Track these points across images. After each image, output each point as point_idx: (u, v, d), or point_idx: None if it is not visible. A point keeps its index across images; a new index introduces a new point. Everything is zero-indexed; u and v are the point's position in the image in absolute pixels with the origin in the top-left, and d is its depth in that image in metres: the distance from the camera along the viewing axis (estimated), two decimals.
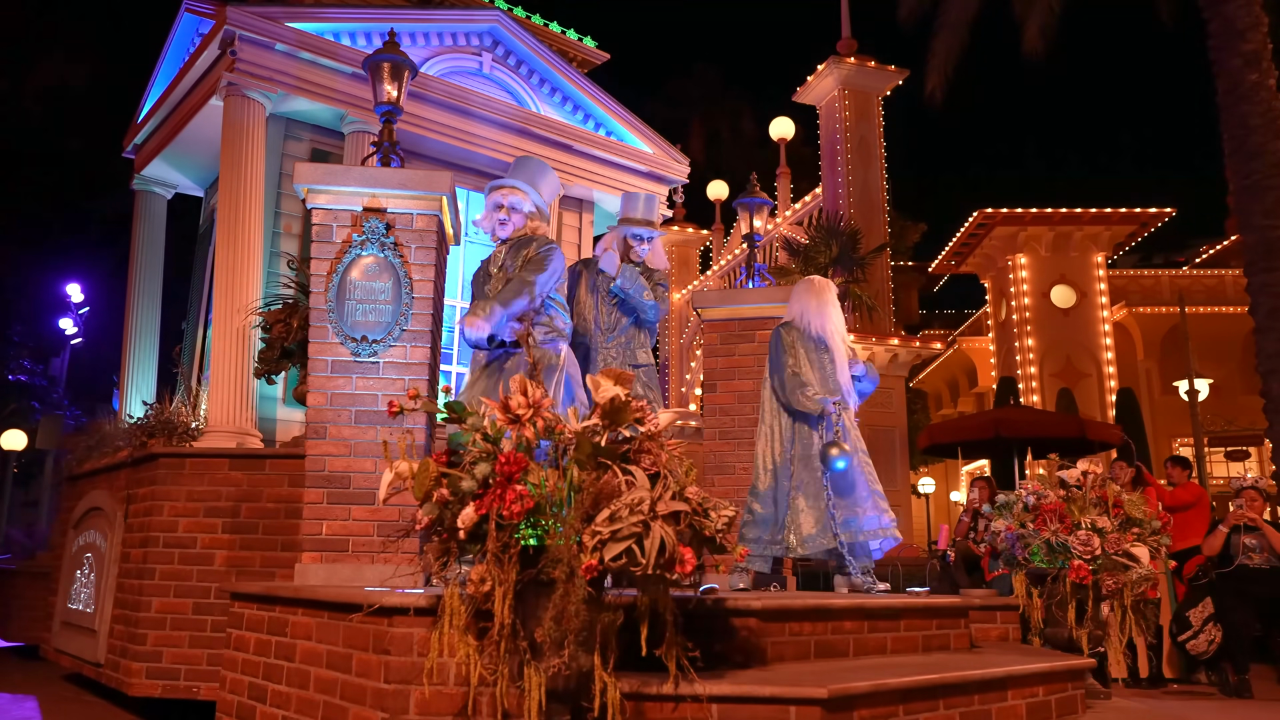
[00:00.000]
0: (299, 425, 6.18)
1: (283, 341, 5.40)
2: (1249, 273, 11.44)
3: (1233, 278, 18.51)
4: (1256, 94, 11.55)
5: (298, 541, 5.10)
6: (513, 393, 2.83)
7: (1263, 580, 5.93)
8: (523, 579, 2.61)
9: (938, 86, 17.76)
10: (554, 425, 2.76)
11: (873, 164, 18.92)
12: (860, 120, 19.08)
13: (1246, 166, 11.47)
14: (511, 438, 2.70)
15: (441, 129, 6.67)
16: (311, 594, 3.57)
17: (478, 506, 2.60)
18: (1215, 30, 11.92)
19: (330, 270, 4.40)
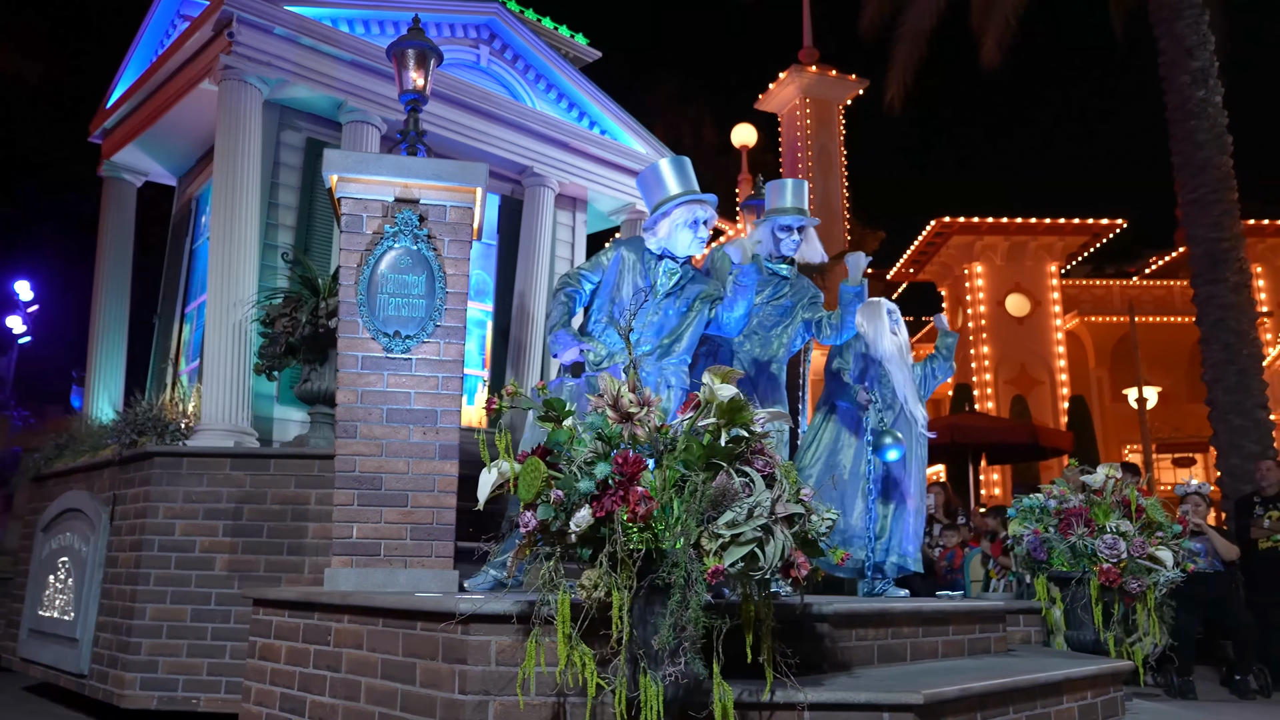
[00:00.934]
0: (297, 424, 5.98)
1: (288, 336, 5.21)
2: (1195, 284, 11.84)
3: (1181, 288, 19.22)
4: (1204, 110, 11.95)
5: (305, 545, 4.96)
6: (614, 391, 2.77)
7: (1206, 583, 6.11)
8: (641, 585, 2.54)
9: (897, 96, 18.08)
10: (661, 424, 2.71)
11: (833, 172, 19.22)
12: (821, 128, 19.38)
13: (1194, 180, 11.86)
14: (623, 436, 2.63)
15: (437, 122, 6.52)
16: (366, 600, 3.44)
17: (595, 508, 2.53)
18: (1165, 47, 12.31)
19: (360, 262, 4.26)
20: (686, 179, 4.40)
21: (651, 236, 4.40)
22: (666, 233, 4.35)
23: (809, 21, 19.97)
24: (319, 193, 6.31)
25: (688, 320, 4.32)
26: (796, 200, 5.09)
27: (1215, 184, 11.72)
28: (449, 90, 6.57)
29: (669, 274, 4.36)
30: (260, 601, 4.07)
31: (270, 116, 6.12)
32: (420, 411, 4.20)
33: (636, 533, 2.52)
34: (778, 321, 5.04)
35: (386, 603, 3.34)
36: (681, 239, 4.34)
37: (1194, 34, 12.07)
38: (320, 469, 5.02)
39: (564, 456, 2.71)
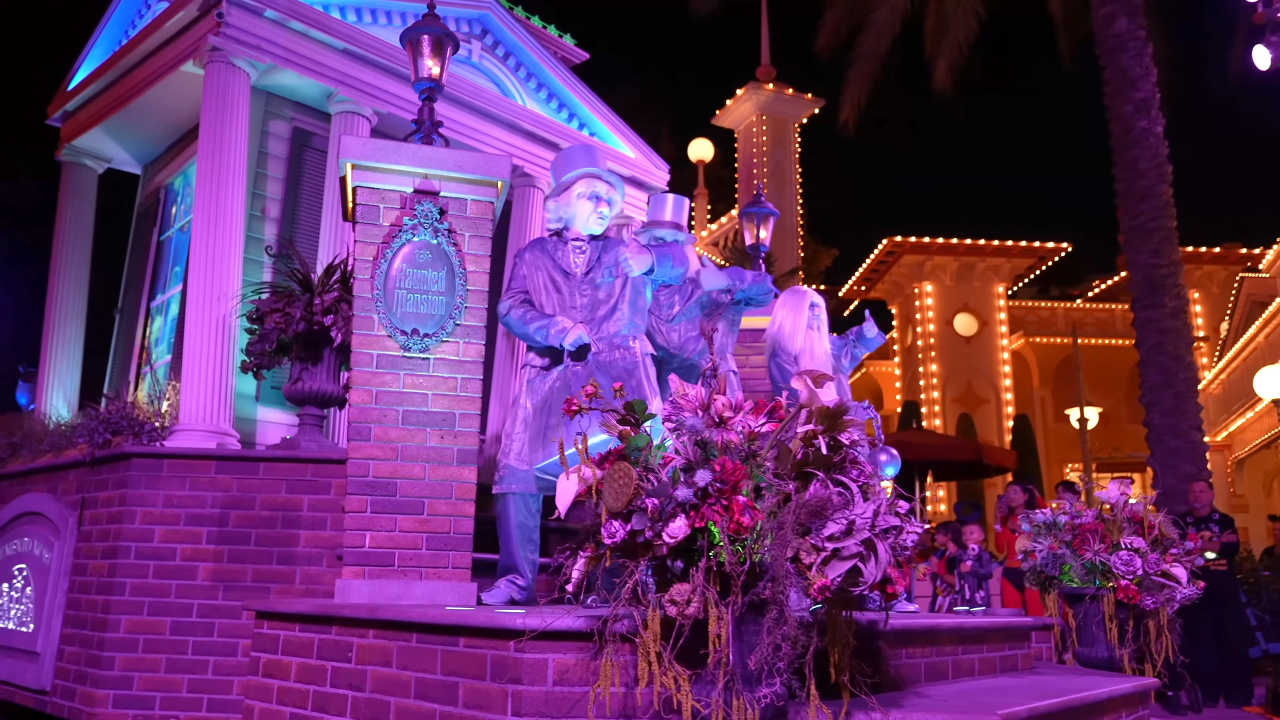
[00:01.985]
0: (280, 426, 5.67)
1: (280, 333, 4.92)
2: (1135, 308, 12.12)
3: (1122, 312, 19.77)
4: (1146, 140, 12.26)
5: (296, 554, 4.68)
6: (684, 393, 2.61)
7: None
8: (741, 601, 2.37)
9: (851, 116, 18.29)
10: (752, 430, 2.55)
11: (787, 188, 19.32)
12: (777, 145, 19.47)
13: (1135, 208, 12.16)
14: (717, 442, 2.47)
15: None
16: (400, 614, 3.20)
17: (693, 518, 2.35)
18: (1110, 77, 12.62)
19: (377, 256, 4.02)
20: (593, 160, 4.32)
21: (551, 217, 4.31)
22: (565, 203, 4.26)
23: (767, 40, 20.12)
24: (305, 184, 6.03)
25: (619, 286, 4.18)
26: (676, 215, 4.93)
27: (1155, 211, 12.02)
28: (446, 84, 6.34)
29: (578, 251, 4.24)
30: (265, 615, 3.78)
31: (256, 103, 5.82)
32: (438, 414, 3.97)
33: (742, 545, 2.35)
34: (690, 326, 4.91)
35: (427, 617, 3.10)
36: (580, 211, 4.24)
37: (1137, 66, 12.38)
38: (314, 474, 4.75)
39: (641, 462, 2.54)
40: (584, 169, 4.28)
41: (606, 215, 4.36)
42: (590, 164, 4.30)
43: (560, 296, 4.17)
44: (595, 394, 2.60)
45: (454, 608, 3.42)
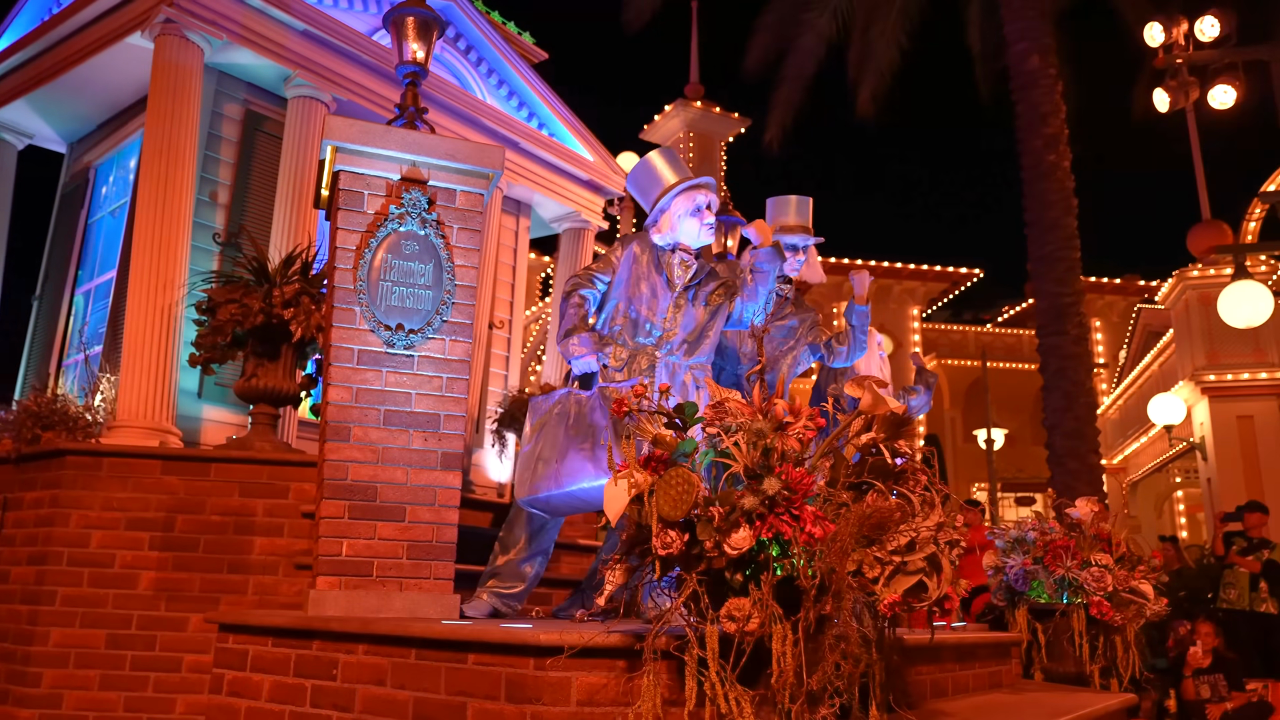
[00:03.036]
0: (227, 425, 5.29)
1: (236, 325, 4.57)
2: (1040, 334, 12.48)
3: (1029, 337, 20.36)
4: (1054, 173, 12.65)
5: (249, 562, 4.34)
6: (727, 398, 2.46)
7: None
8: (807, 617, 2.22)
9: (775, 137, 18.44)
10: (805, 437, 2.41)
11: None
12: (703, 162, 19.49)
13: (1043, 237, 12.52)
14: (777, 449, 2.32)
15: (380, 101, 6.01)
16: (398, 629, 2.94)
17: (759, 528, 2.19)
18: (1022, 112, 12.99)
19: (360, 245, 3.75)
20: (680, 168, 4.14)
21: (657, 234, 4.11)
22: (670, 226, 4.07)
23: (696, 57, 20.15)
24: (256, 170, 5.67)
25: (710, 315, 4.04)
26: (800, 217, 4.88)
27: (1061, 243, 12.39)
28: None
29: (683, 265, 4.07)
30: (231, 627, 3.46)
31: (207, 83, 5.44)
32: (422, 415, 3.72)
33: (812, 558, 2.20)
34: (782, 341, 4.81)
35: (432, 632, 2.86)
36: (687, 229, 4.05)
37: (1048, 102, 12.76)
38: (271, 476, 4.41)
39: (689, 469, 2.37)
40: (679, 186, 4.01)
41: (712, 222, 4.12)
42: (681, 175, 4.06)
43: (655, 302, 3.91)
44: (644, 394, 2.41)
45: (450, 621, 3.18)
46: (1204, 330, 14.66)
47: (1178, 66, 11.07)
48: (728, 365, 4.59)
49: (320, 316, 4.68)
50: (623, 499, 2.31)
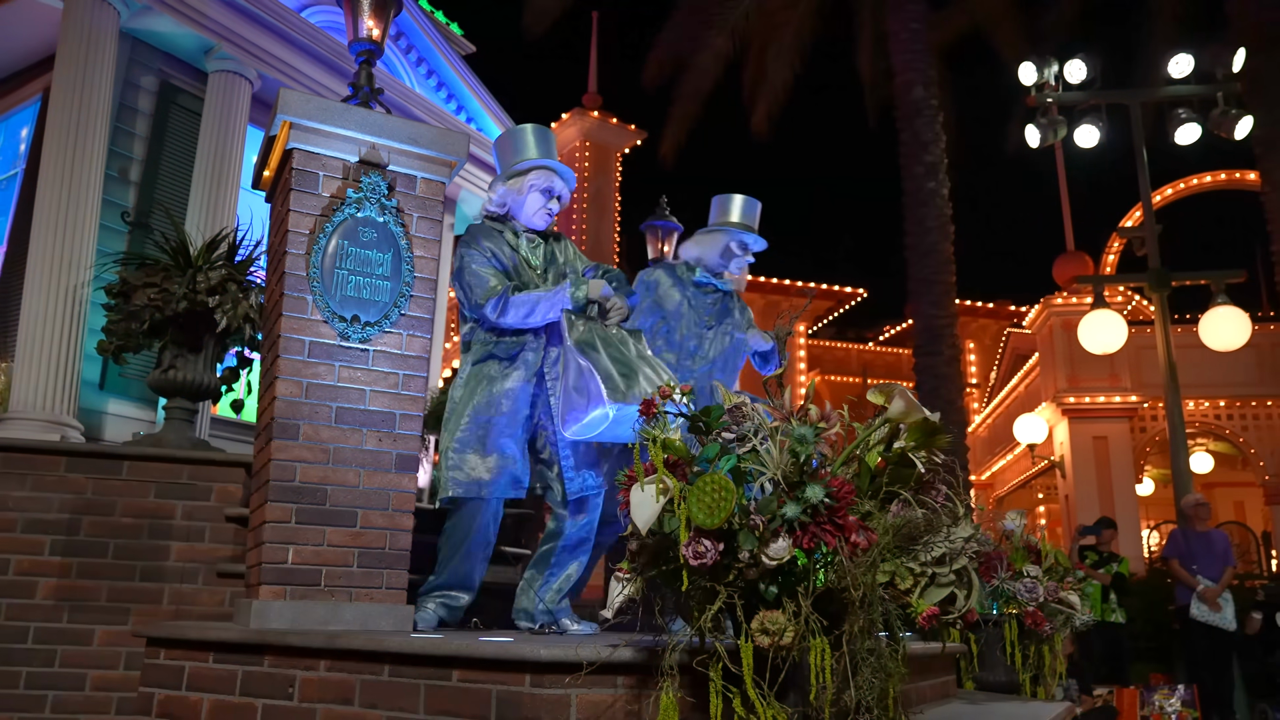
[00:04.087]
0: (132, 421, 4.82)
1: (155, 311, 4.18)
2: (917, 354, 12.95)
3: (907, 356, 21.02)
4: (933, 200, 13.15)
5: (166, 570, 3.96)
6: (743, 401, 2.35)
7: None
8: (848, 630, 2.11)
9: (670, 150, 18.54)
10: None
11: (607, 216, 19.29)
12: (599, 173, 19.39)
13: (922, 261, 13.00)
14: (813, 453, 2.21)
15: (306, 82, 5.66)
16: (371, 643, 2.69)
17: (798, 538, 2.07)
18: (905, 140, 13.47)
19: (314, 229, 3.47)
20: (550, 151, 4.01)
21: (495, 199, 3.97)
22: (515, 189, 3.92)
23: (595, 68, 20.07)
24: (170, 145, 5.23)
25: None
26: (748, 218, 4.77)
27: (938, 267, 12.88)
28: (326, 52, 5.74)
29: (531, 243, 3.97)
30: (162, 641, 3.11)
31: (120, 49, 4.98)
32: (377, 414, 3.46)
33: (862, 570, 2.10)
34: (718, 323, 4.73)
35: (411, 647, 2.62)
36: (530, 203, 3.92)
37: (929, 132, 13.25)
38: (192, 476, 4.04)
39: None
40: (542, 161, 3.92)
41: (554, 213, 4.03)
42: (549, 156, 3.96)
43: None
44: (670, 393, 2.27)
45: (425, 634, 2.94)
46: (1066, 355, 15.44)
47: (1048, 105, 11.60)
48: None
49: (248, 306, 4.33)
50: (652, 506, 2.15)
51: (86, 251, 4.51)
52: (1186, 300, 16.10)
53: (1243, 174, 14.97)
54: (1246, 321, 10.63)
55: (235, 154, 5.11)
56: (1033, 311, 16.57)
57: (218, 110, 4.94)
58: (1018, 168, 26.92)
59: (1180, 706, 7.47)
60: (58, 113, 4.57)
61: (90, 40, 4.64)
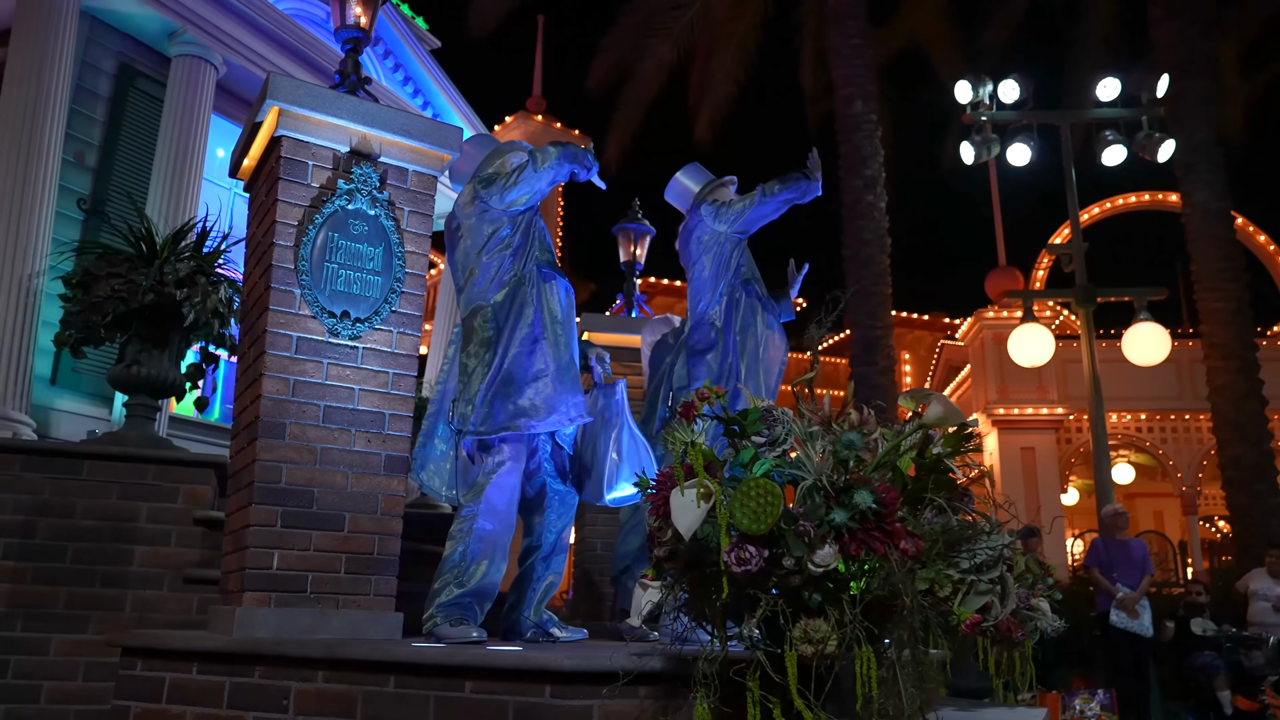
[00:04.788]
0: (85, 418, 4.55)
1: (120, 303, 3.95)
2: (853, 364, 13.12)
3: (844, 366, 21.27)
4: (870, 213, 13.33)
5: (129, 575, 3.75)
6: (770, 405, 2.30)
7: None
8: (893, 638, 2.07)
9: (614, 156, 18.49)
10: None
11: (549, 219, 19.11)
12: None
13: (859, 273, 13.17)
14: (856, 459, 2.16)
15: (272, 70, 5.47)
16: (378, 653, 2.56)
17: (845, 544, 2.02)
18: (844, 153, 13.64)
19: (303, 220, 3.31)
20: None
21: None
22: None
23: (540, 71, 19.92)
24: (128, 130, 4.98)
25: None
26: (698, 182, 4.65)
27: (874, 279, 13.05)
28: (296, 41, 5.54)
29: None
30: (139, 651, 2.92)
31: (80, 28, 4.72)
32: (366, 414, 3.32)
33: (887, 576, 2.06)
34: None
35: (423, 657, 2.49)
36: None
37: (869, 145, 13.43)
38: (157, 477, 3.83)
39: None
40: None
41: None
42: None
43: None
44: (709, 396, 2.20)
45: (427, 644, 2.81)
46: (996, 367, 15.78)
47: (982, 123, 11.84)
48: None
49: (217, 300, 4.13)
50: (695, 511, 2.08)
51: (40, 239, 4.26)
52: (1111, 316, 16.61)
53: (1165, 195, 15.49)
54: (1167, 338, 10.97)
55: (199, 142, 4.88)
56: (965, 324, 16.90)
57: (181, 96, 4.72)
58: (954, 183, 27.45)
59: (1099, 710, 7.64)
60: (12, 91, 4.31)
61: (48, 17, 4.38)
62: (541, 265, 3.57)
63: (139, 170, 4.90)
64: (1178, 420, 15.29)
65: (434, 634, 3.12)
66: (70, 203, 4.61)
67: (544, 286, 3.53)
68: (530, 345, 3.41)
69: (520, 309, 3.46)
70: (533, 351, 3.41)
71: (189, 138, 4.85)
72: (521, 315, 3.45)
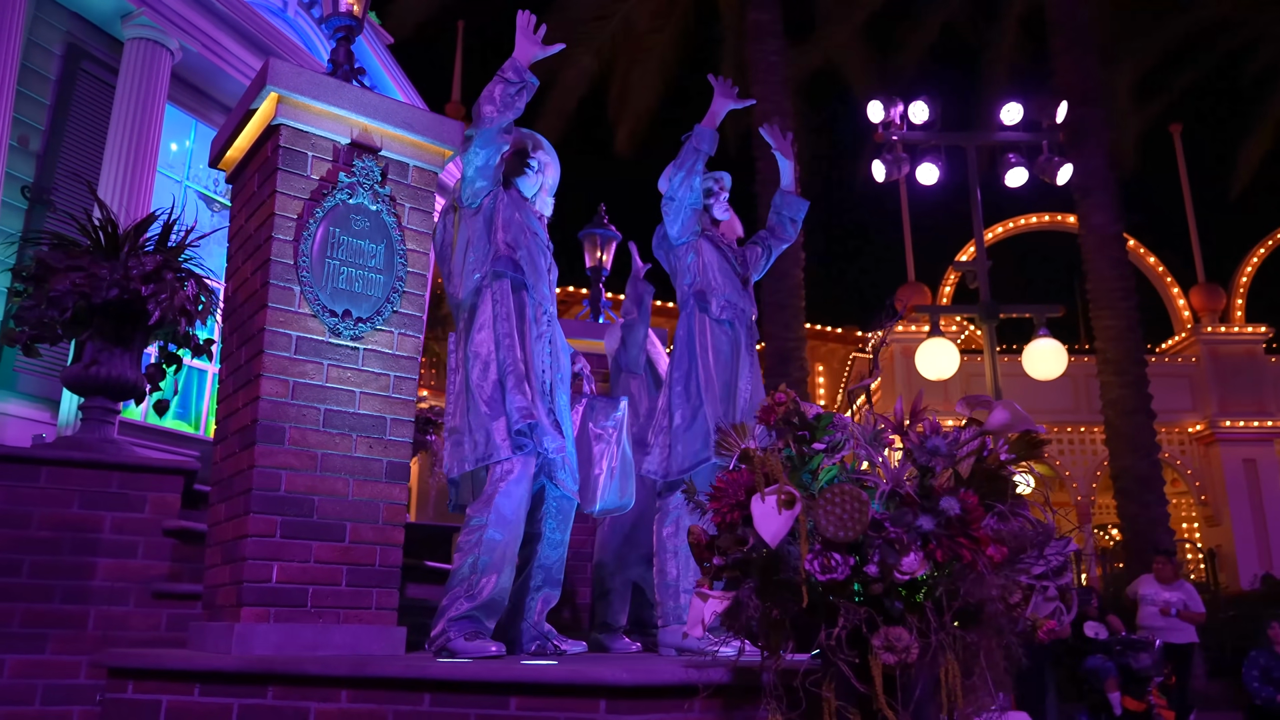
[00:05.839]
0: (27, 423, 4.18)
1: (81, 299, 3.66)
2: (767, 375, 13.32)
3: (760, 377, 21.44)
4: None
5: (91, 590, 3.47)
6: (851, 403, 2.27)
7: None
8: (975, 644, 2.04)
9: None
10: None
11: None
12: None
13: (773, 286, 13.41)
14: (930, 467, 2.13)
15: (228, 57, 5.20)
16: (413, 669, 2.40)
17: (931, 551, 1.99)
18: (762, 169, 13.88)
19: (303, 214, 3.12)
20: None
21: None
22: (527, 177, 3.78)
23: (460, 76, 19.53)
24: (76, 115, 4.63)
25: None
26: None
27: (789, 292, 13.31)
28: (256, 31, 5.26)
29: (540, 221, 3.79)
30: (128, 672, 2.67)
31: (26, 3, 4.36)
32: (367, 418, 3.15)
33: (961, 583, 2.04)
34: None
35: (459, 673, 2.35)
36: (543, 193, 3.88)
37: None
38: (123, 484, 3.54)
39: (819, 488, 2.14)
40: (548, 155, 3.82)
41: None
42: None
43: (540, 261, 3.54)
44: (785, 401, 2.14)
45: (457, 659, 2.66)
46: (905, 380, 16.20)
47: (893, 143, 12.17)
48: None
49: (185, 297, 3.87)
50: (780, 518, 2.02)
51: None
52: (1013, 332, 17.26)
53: (1064, 217, 16.21)
54: (1064, 353, 11.42)
55: (153, 130, 4.57)
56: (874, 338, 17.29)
57: (135, 81, 4.42)
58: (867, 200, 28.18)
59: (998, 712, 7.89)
60: None
61: None
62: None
63: (88, 158, 4.55)
64: (1074, 433, 15.97)
65: (448, 649, 2.96)
66: (14, 190, 4.26)
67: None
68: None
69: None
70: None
71: (145, 126, 4.54)
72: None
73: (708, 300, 3.90)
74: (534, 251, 3.49)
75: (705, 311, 3.89)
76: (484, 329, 3.33)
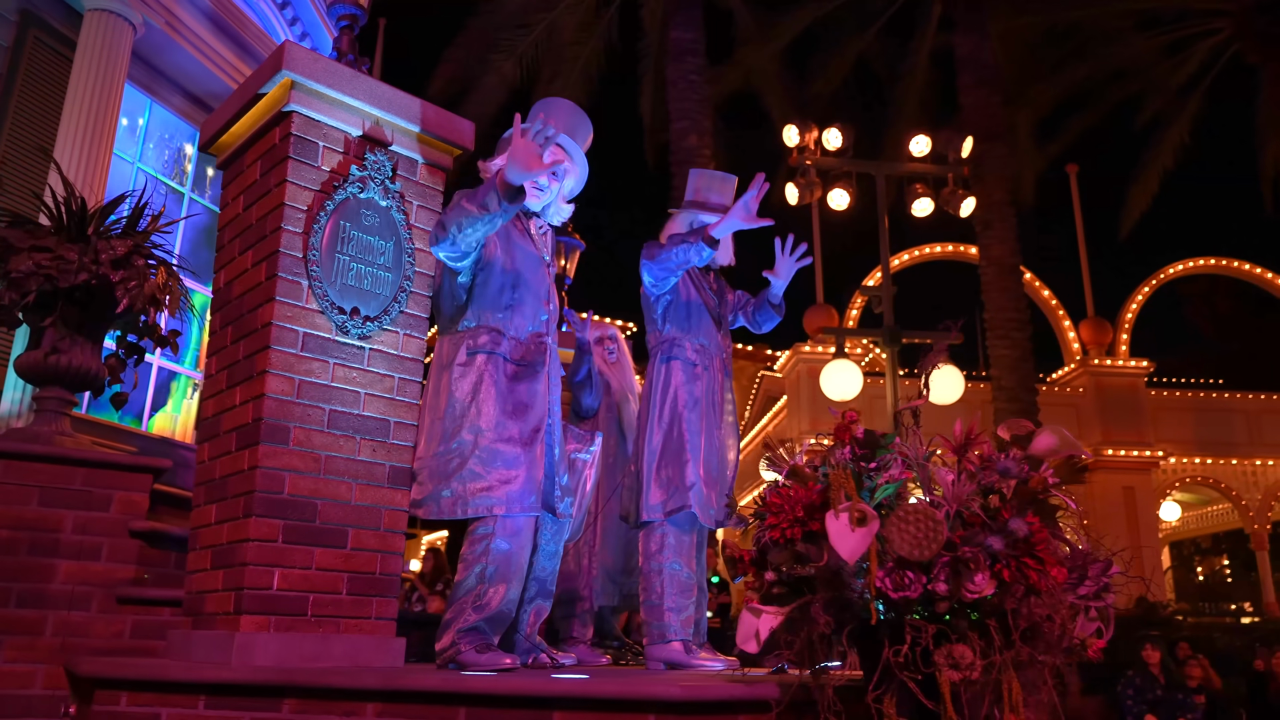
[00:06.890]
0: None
1: (46, 281, 3.39)
2: None
3: None
4: None
5: (49, 595, 3.22)
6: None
7: None
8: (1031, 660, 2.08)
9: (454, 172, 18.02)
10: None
11: None
12: None
13: None
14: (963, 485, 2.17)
15: (205, 49, 4.96)
16: (451, 683, 2.29)
17: (998, 570, 2.02)
18: (678, 185, 14.05)
19: (313, 206, 2.98)
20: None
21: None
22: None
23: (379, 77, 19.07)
24: (26, 87, 4.30)
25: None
26: (724, 198, 4.22)
27: None
28: (227, 17, 5.02)
29: (541, 232, 3.50)
30: (120, 684, 2.46)
31: None
32: (371, 420, 3.02)
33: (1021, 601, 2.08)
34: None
35: (498, 686, 2.25)
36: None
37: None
38: (87, 481, 3.29)
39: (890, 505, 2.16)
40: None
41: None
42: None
43: (533, 277, 3.25)
44: (855, 424, 2.15)
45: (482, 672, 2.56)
46: (810, 399, 16.53)
47: (807, 167, 12.47)
48: None
49: (155, 285, 3.64)
50: (856, 536, 2.02)
51: None
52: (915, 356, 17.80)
53: (966, 248, 16.86)
54: (961, 379, 11.85)
55: (113, 107, 4.29)
56: (784, 357, 17.62)
57: (95, 56, 4.14)
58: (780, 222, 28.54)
59: None
60: None
61: None
62: None
63: (40, 134, 4.23)
64: None
65: (458, 662, 2.85)
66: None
67: None
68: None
69: None
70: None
71: (103, 103, 4.24)
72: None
73: (681, 342, 3.82)
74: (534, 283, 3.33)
75: (677, 357, 3.81)
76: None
